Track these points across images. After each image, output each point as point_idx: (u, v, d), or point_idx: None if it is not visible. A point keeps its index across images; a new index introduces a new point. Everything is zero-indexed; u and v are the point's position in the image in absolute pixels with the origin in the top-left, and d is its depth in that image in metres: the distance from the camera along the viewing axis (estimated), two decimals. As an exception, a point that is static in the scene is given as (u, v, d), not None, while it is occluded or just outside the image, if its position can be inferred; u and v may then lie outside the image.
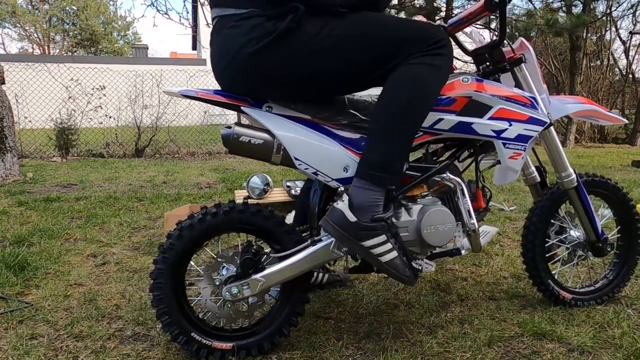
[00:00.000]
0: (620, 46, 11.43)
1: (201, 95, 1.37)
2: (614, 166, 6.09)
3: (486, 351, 1.49)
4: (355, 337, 1.58)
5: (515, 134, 1.52)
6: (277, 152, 1.38)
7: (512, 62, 1.60)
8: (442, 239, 1.47)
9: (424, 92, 1.35)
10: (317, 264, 1.45)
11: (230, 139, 1.36)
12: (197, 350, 1.41)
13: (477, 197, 1.63)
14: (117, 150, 7.49)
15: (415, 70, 1.34)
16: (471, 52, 1.70)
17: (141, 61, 16.72)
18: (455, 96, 1.48)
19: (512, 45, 1.65)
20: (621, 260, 1.88)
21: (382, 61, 1.35)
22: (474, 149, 1.63)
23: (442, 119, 1.46)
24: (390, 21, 1.37)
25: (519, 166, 1.55)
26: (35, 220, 3.06)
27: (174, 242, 1.37)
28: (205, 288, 1.44)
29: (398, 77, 1.34)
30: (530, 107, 1.54)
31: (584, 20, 7.20)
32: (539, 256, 1.76)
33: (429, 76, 1.35)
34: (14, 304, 1.80)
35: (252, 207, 1.42)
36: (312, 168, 1.39)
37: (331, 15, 1.31)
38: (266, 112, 1.39)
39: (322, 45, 1.30)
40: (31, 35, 27.42)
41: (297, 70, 1.32)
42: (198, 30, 13.71)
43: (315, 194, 1.56)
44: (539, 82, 1.63)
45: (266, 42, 1.27)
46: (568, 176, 1.71)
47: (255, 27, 1.27)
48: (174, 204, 3.60)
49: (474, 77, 1.53)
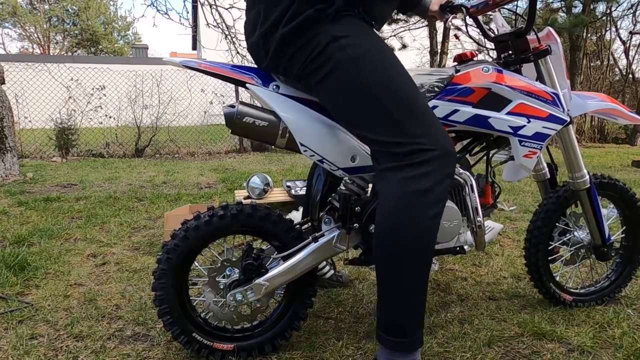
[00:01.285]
0: (620, 46, 11.42)
1: (204, 67, 1.30)
2: (614, 166, 6.09)
3: (486, 351, 1.49)
4: (355, 337, 1.58)
5: (533, 131, 1.44)
6: (282, 136, 1.32)
7: (537, 54, 1.51)
8: (447, 236, 1.43)
9: (413, 232, 1.12)
10: (320, 260, 1.43)
11: (234, 119, 1.29)
12: (198, 350, 1.40)
13: (486, 193, 1.58)
14: (117, 150, 7.49)
15: (393, 203, 1.13)
16: (493, 39, 1.59)
17: (141, 61, 16.71)
18: (474, 87, 1.40)
19: (539, 35, 1.54)
20: (624, 261, 1.87)
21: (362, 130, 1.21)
22: (487, 142, 1.56)
23: (458, 110, 1.39)
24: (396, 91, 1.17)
25: (532, 165, 1.49)
26: (35, 220, 3.06)
27: (179, 243, 1.35)
28: (208, 291, 1.42)
29: (379, 217, 1.17)
30: (551, 103, 1.46)
31: (582, 20, 7.20)
32: (542, 258, 1.73)
33: (415, 210, 1.11)
34: (14, 304, 1.80)
35: (260, 210, 1.38)
36: (317, 155, 1.32)
37: (362, 31, 1.21)
38: (273, 92, 1.31)
39: (333, 54, 1.17)
40: (31, 35, 27.42)
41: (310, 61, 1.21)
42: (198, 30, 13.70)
43: (318, 179, 1.49)
44: (563, 76, 1.55)
45: (295, 23, 1.18)
46: (581, 177, 1.65)
47: (288, 7, 1.18)
48: (174, 204, 3.60)
49: (494, 66, 1.45)
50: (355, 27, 1.21)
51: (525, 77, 1.48)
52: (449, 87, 1.42)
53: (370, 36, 1.22)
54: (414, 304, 1.16)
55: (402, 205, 1.12)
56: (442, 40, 8.42)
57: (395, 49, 8.98)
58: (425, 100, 1.39)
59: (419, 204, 1.11)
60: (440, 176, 1.13)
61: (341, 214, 1.41)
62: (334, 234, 1.42)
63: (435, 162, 1.13)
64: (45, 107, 8.06)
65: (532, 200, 3.67)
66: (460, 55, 1.54)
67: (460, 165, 1.51)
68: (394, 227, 1.13)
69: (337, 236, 1.41)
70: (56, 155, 7.04)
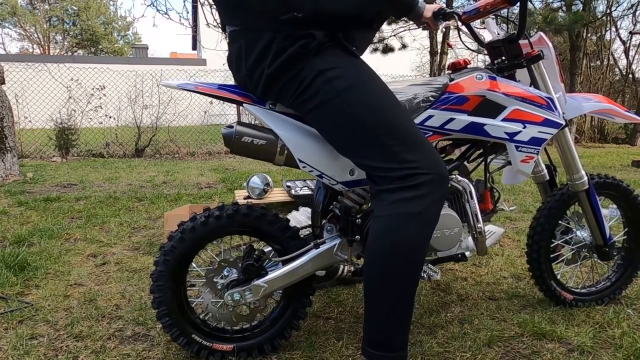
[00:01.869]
0: (620, 46, 11.44)
1: (201, 90, 1.31)
2: (614, 166, 6.09)
3: (486, 351, 1.49)
4: (355, 337, 1.58)
5: (529, 136, 1.45)
6: (280, 154, 1.34)
7: (530, 59, 1.52)
8: (448, 244, 1.44)
9: (403, 252, 1.15)
10: (320, 267, 1.43)
11: (233, 139, 1.32)
12: (198, 351, 1.40)
13: (485, 199, 1.58)
14: (117, 150, 7.49)
15: (385, 223, 1.16)
16: (486, 45, 1.61)
17: (141, 61, 16.71)
18: (468, 95, 1.41)
19: (531, 40, 1.56)
20: (625, 262, 1.87)
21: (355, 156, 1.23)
22: (484, 148, 1.57)
23: (454, 119, 1.41)
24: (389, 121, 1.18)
25: (530, 169, 1.50)
26: (35, 220, 3.06)
27: (176, 244, 1.35)
28: (207, 292, 1.42)
29: (371, 234, 1.19)
30: (546, 108, 1.48)
31: (582, 17, 7.19)
32: (544, 258, 1.73)
33: (405, 231, 1.13)
34: (14, 304, 1.80)
35: (256, 210, 1.39)
36: (316, 170, 1.34)
37: (346, 61, 1.21)
38: (269, 111, 1.33)
39: (321, 87, 1.19)
40: (31, 35, 27.42)
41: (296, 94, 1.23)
42: (198, 30, 13.71)
43: (319, 191, 1.51)
44: (556, 79, 1.56)
45: (278, 63, 1.19)
46: (580, 178, 1.66)
47: (269, 44, 1.19)
48: (174, 204, 3.60)
49: (487, 74, 1.46)
50: (340, 57, 1.21)
51: (519, 83, 1.50)
52: (444, 97, 1.43)
53: (355, 65, 1.23)
54: (401, 319, 1.18)
55: (394, 225, 1.15)
56: (442, 40, 8.42)
57: (395, 49, 8.98)
58: (420, 111, 1.41)
59: (410, 226, 1.14)
60: (432, 199, 1.15)
61: (342, 225, 1.43)
62: (335, 242, 1.42)
63: (427, 186, 1.15)
64: (45, 107, 8.06)
65: (532, 200, 3.67)
66: (454, 63, 1.55)
67: (458, 172, 1.51)
68: (385, 246, 1.16)
69: (338, 244, 1.42)
70: (56, 155, 7.04)
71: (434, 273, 1.46)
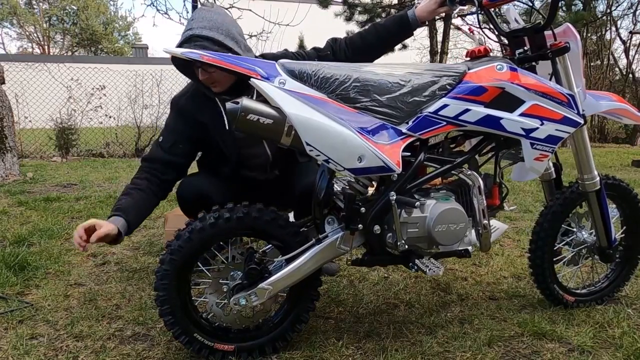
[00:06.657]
0: (620, 46, 11.43)
1: (206, 60, 1.23)
2: (614, 166, 6.09)
3: (486, 351, 1.48)
4: (355, 337, 1.58)
5: (546, 134, 1.39)
6: (287, 134, 1.26)
7: (556, 50, 1.43)
8: (452, 239, 1.40)
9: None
10: (324, 262, 1.41)
11: (238, 116, 1.22)
12: (199, 350, 1.40)
13: (493, 194, 1.52)
14: (117, 150, 7.48)
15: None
16: (507, 33, 1.50)
17: (141, 61, 16.68)
18: (487, 85, 1.34)
19: (556, 31, 1.46)
20: (623, 260, 1.87)
21: None
22: (497, 142, 1.50)
23: (469, 110, 1.34)
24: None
25: (543, 168, 1.45)
26: (35, 220, 3.06)
27: (183, 244, 1.33)
28: (211, 294, 1.42)
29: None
30: (566, 105, 1.41)
31: (582, 16, 7.19)
32: (547, 263, 1.70)
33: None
34: (14, 304, 1.80)
35: (267, 213, 1.36)
36: (323, 155, 1.26)
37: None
38: (278, 88, 1.24)
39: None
40: (31, 35, 27.41)
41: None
42: (198, 30, 13.69)
43: (322, 176, 1.42)
44: (579, 74, 1.49)
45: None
46: (592, 179, 1.61)
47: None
48: (174, 204, 3.59)
49: (509, 64, 1.38)
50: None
51: (540, 77, 1.42)
52: (461, 85, 1.36)
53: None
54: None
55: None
56: (442, 39, 8.41)
57: (395, 49, 8.96)
58: (436, 99, 1.36)
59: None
60: None
61: (346, 214, 1.38)
62: (337, 235, 1.39)
63: None
64: (45, 107, 8.05)
65: (532, 200, 3.67)
66: (472, 50, 1.47)
67: (468, 165, 1.46)
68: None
69: (340, 237, 1.39)
70: (56, 155, 7.04)
71: (437, 269, 1.41)
